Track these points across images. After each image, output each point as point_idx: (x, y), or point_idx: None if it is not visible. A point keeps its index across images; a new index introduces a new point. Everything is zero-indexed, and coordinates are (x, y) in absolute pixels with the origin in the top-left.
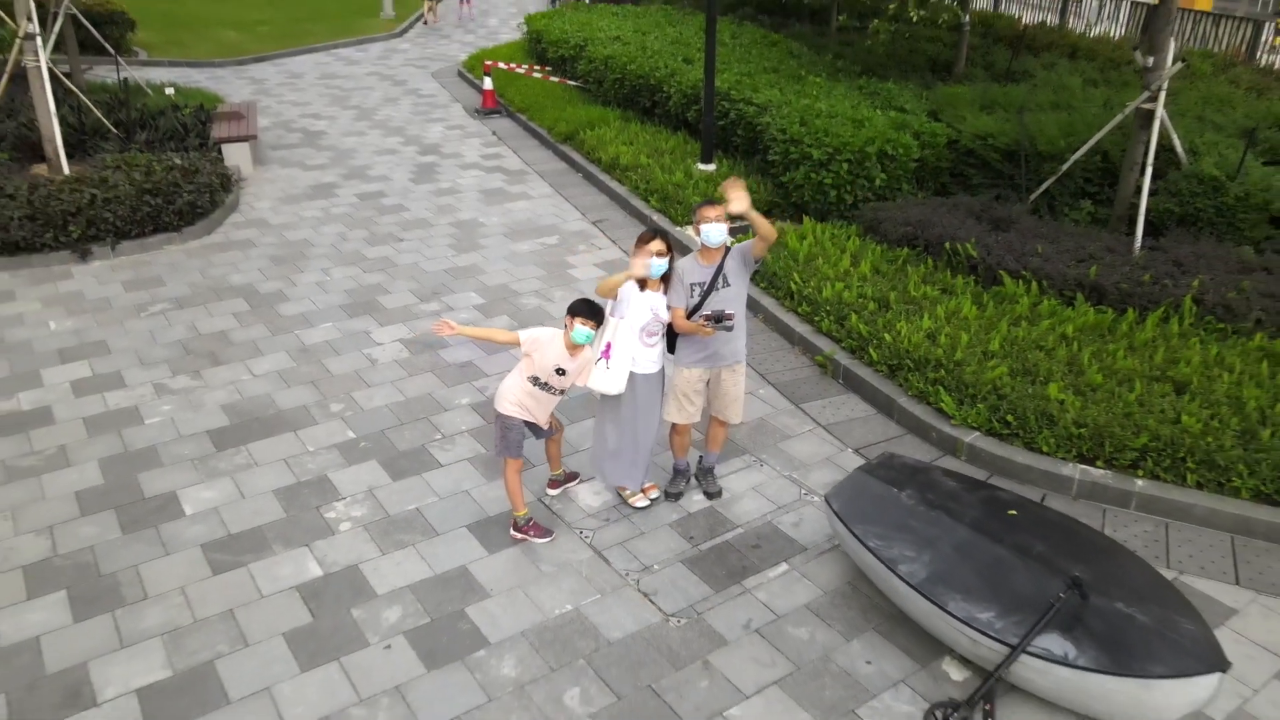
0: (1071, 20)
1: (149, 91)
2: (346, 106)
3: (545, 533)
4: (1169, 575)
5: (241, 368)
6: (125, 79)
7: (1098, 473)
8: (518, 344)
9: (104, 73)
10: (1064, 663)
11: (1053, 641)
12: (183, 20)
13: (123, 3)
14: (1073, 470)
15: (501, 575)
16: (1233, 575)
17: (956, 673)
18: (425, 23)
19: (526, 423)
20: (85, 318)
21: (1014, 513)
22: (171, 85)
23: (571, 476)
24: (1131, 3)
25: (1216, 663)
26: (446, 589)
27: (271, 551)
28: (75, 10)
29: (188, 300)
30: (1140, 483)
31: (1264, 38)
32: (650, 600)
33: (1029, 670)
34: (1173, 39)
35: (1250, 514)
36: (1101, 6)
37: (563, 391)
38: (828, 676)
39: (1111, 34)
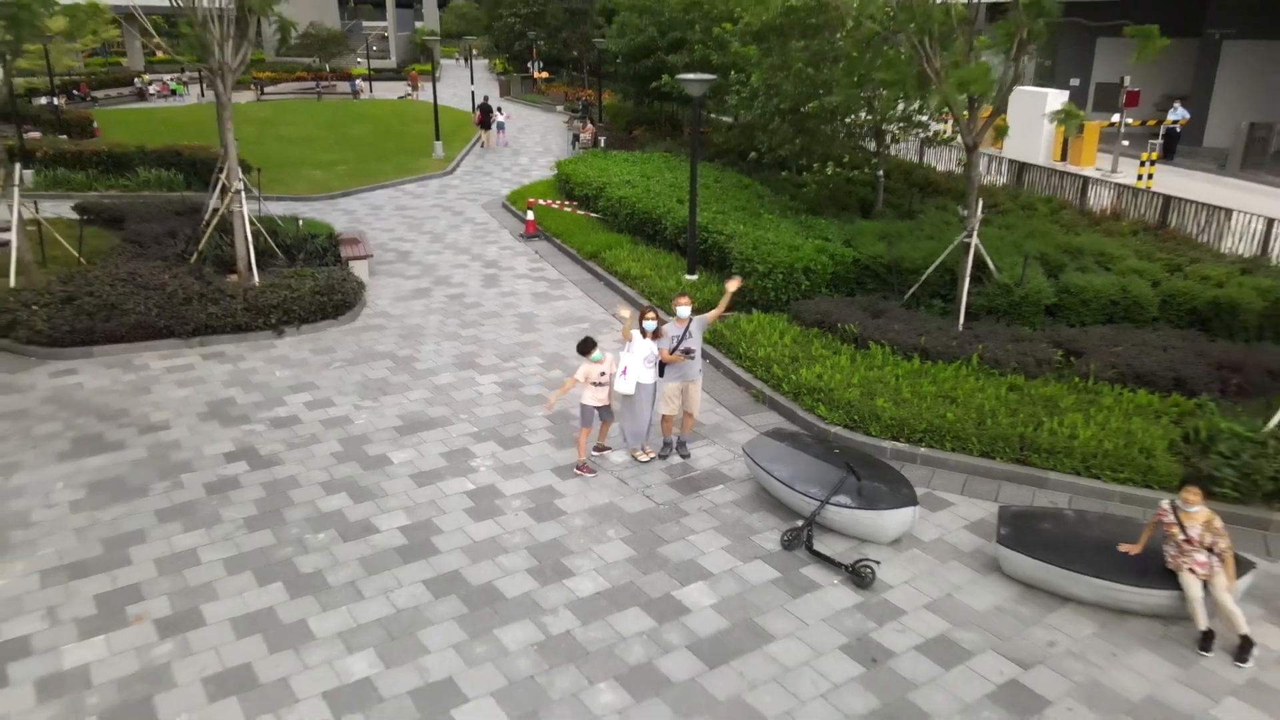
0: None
1: (279, 222)
2: (422, 232)
3: (592, 471)
4: (923, 491)
5: (401, 397)
6: (297, 218)
7: (900, 445)
8: (580, 381)
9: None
10: (844, 506)
11: (840, 498)
12: (273, 161)
13: None
14: (887, 444)
15: (570, 489)
16: (960, 491)
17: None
18: (482, 145)
19: (597, 407)
20: (295, 369)
21: (838, 451)
22: (300, 218)
23: (605, 448)
24: (1009, 160)
25: (912, 502)
26: (542, 493)
27: (445, 479)
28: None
29: (354, 360)
30: (921, 450)
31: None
32: (649, 498)
33: (829, 512)
34: (979, 200)
35: (976, 464)
36: (989, 162)
37: (608, 385)
38: (739, 526)
39: (997, 183)
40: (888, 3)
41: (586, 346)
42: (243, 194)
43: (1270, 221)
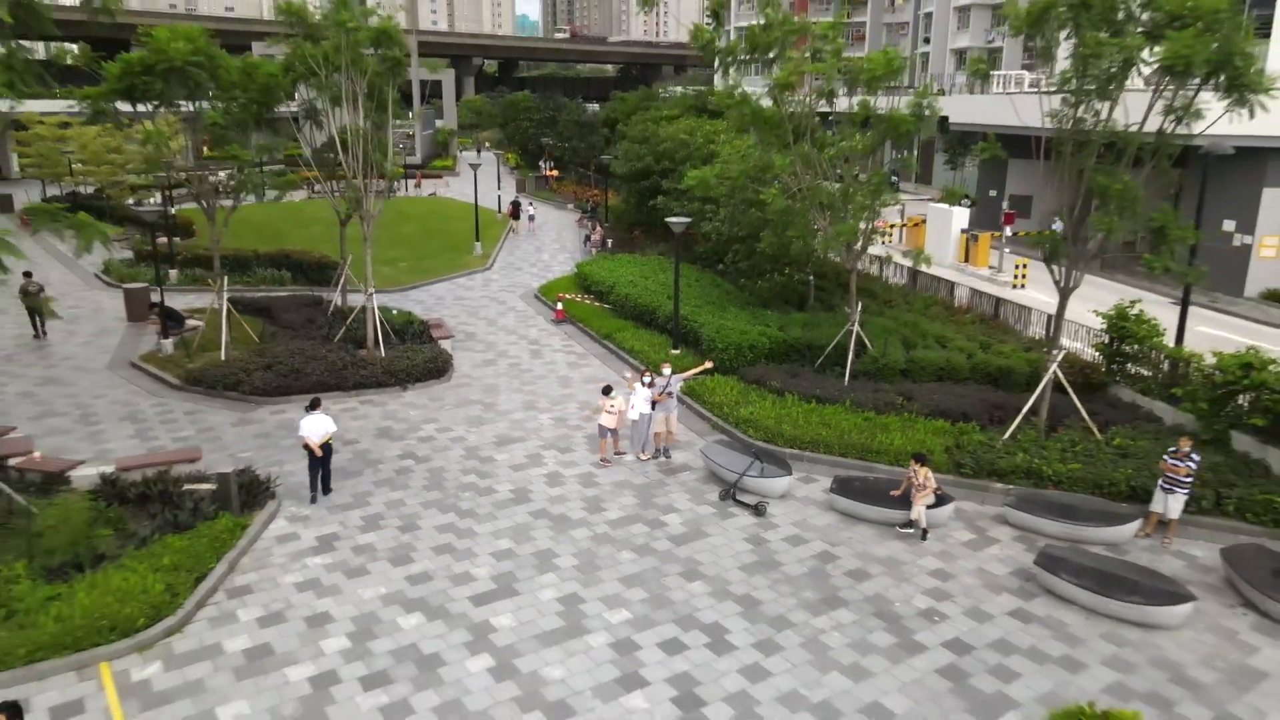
0: (881, 273)
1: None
2: (479, 318)
3: (609, 463)
4: (802, 474)
5: (493, 425)
6: (391, 309)
7: (795, 450)
8: (601, 407)
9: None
10: (752, 477)
11: (750, 472)
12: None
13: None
14: (787, 450)
15: (601, 474)
16: (825, 475)
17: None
18: (513, 231)
19: (610, 429)
20: (422, 410)
21: (753, 450)
22: (392, 309)
23: (621, 453)
24: (907, 266)
25: (789, 474)
26: (585, 475)
27: (530, 468)
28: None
29: (458, 405)
30: (806, 453)
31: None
32: (647, 477)
33: (746, 481)
34: (858, 303)
35: (836, 460)
36: (895, 268)
37: (616, 414)
38: (697, 490)
39: (899, 283)
40: (788, 187)
41: (606, 391)
42: (374, 293)
43: (1049, 316)
